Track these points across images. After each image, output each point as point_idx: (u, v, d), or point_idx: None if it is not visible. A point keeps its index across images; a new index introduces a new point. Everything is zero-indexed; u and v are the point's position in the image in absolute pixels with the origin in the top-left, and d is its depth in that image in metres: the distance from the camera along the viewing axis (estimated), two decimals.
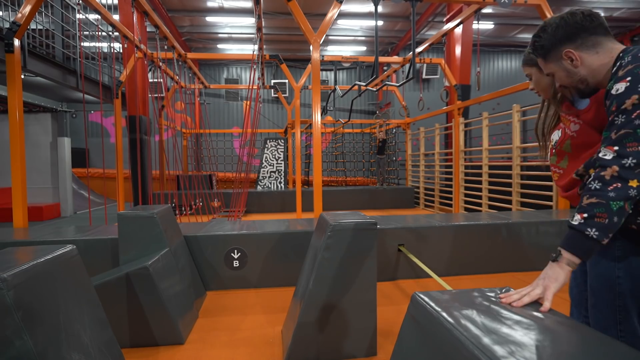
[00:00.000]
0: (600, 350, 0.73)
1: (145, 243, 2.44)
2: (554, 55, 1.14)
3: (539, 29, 1.18)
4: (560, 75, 1.16)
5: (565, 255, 1.00)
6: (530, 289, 1.00)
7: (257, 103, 6.29)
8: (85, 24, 7.99)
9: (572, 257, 1.00)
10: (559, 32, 1.11)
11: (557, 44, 1.12)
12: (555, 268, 1.01)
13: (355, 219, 1.98)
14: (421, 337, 0.94)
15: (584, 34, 1.09)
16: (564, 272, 1.00)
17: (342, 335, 2.00)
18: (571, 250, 1.00)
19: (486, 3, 4.16)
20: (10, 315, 1.05)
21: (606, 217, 0.96)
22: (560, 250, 1.02)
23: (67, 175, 8.60)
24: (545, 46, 1.15)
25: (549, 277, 1.00)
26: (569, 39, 1.10)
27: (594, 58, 1.09)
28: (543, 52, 1.16)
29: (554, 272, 1.00)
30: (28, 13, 3.43)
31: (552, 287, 0.99)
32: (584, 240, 0.98)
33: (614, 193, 0.95)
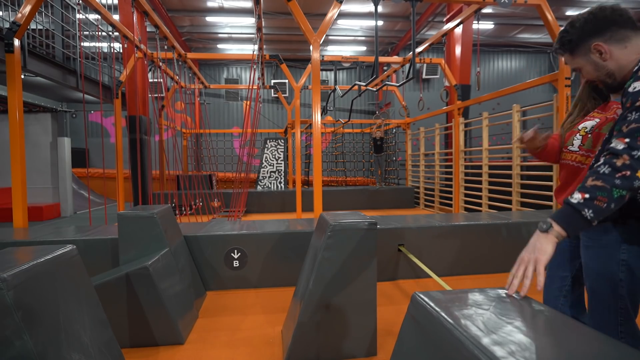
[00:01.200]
0: (601, 350, 0.73)
1: (145, 243, 2.44)
2: (582, 50, 1.15)
3: (567, 24, 1.19)
4: (588, 69, 1.17)
5: (556, 228, 1.02)
6: (523, 267, 1.02)
7: (257, 103, 6.29)
8: (85, 24, 7.99)
9: (562, 232, 1.02)
10: (588, 26, 1.13)
11: (586, 38, 1.13)
12: (543, 239, 1.03)
13: (355, 219, 1.98)
14: (421, 337, 0.93)
15: (613, 27, 1.10)
16: (552, 244, 1.02)
17: (342, 335, 2.00)
18: (563, 225, 1.02)
19: (486, 3, 4.16)
20: (10, 315, 1.05)
21: (606, 201, 0.98)
22: (552, 223, 1.03)
23: (67, 175, 8.60)
24: (574, 40, 1.16)
25: (538, 250, 1.02)
26: (597, 32, 1.11)
27: (623, 52, 1.10)
28: (571, 47, 1.18)
29: (542, 244, 1.02)
30: (28, 13, 3.43)
31: (543, 260, 1.01)
32: (579, 219, 1.00)
33: (620, 181, 0.97)
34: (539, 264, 1.00)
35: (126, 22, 6.71)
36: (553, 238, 1.02)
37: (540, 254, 1.01)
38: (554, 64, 13.61)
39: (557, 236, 1.02)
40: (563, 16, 10.67)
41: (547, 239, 1.03)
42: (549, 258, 1.01)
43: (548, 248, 1.01)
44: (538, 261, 1.00)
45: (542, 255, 1.01)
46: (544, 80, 4.66)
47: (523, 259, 1.03)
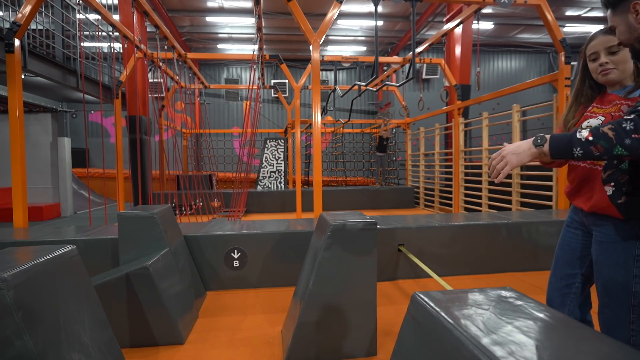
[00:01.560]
0: (601, 350, 0.73)
1: (145, 243, 2.44)
2: (622, 7, 1.14)
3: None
4: (622, 29, 1.16)
5: (546, 147, 1.09)
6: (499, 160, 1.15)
7: (257, 103, 6.29)
8: (86, 24, 7.99)
9: (547, 152, 1.09)
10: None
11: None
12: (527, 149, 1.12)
13: (355, 219, 1.98)
14: (421, 337, 0.94)
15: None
16: (530, 157, 1.11)
17: (342, 335, 2.00)
18: (552, 148, 1.08)
19: (486, 3, 4.16)
20: (10, 315, 1.06)
21: (601, 151, 1.01)
22: (547, 141, 1.09)
23: (67, 175, 8.60)
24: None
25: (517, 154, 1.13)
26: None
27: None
28: (614, 2, 1.16)
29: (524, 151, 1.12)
30: (28, 13, 3.43)
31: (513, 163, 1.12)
32: (569, 151, 1.05)
33: (631, 141, 0.97)
34: (509, 165, 1.11)
35: (126, 22, 6.71)
36: (536, 153, 1.10)
37: (515, 158, 1.12)
38: (554, 64, 13.61)
39: (541, 152, 1.10)
40: (563, 16, 10.67)
41: (529, 150, 1.11)
42: (517, 165, 1.12)
43: (524, 157, 1.11)
44: (509, 162, 1.11)
45: (516, 159, 1.11)
46: (544, 80, 4.66)
47: (503, 152, 1.15)
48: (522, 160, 1.11)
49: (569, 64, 4.19)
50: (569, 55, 4.20)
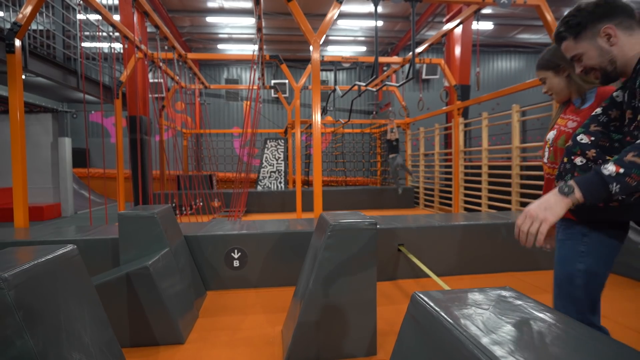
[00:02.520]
0: (601, 351, 0.74)
1: (145, 243, 2.44)
2: (590, 33, 1.14)
3: (574, 9, 1.19)
4: (592, 54, 1.15)
5: (577, 194, 1.00)
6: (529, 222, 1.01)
7: (257, 103, 6.29)
8: (86, 25, 7.99)
9: (581, 199, 1.00)
10: (599, 10, 1.13)
11: (596, 21, 1.13)
12: (559, 200, 1.01)
13: (355, 219, 1.99)
14: (421, 337, 0.94)
15: (623, 15, 1.11)
16: (564, 208, 1.00)
17: (342, 335, 2.00)
18: (585, 193, 0.99)
19: (486, 3, 4.16)
20: (11, 314, 1.06)
21: (638, 180, 0.95)
22: (574, 188, 1.00)
23: (68, 175, 8.61)
24: (582, 23, 1.15)
25: (550, 209, 1.00)
26: (608, 16, 1.12)
27: (628, 40, 1.11)
28: (578, 30, 1.16)
29: (556, 204, 1.01)
30: (29, 14, 3.43)
31: (550, 220, 1.00)
32: (603, 191, 0.97)
33: None
34: (545, 223, 0.99)
35: (126, 22, 6.71)
36: (569, 202, 1.00)
37: (550, 214, 0.99)
38: None
39: (574, 201, 1.00)
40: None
41: (562, 202, 1.00)
42: (556, 220, 1.00)
43: (559, 211, 1.00)
44: (545, 220, 0.99)
45: (551, 215, 0.99)
46: None
47: (531, 213, 1.02)
48: (558, 214, 1.00)
49: None
50: None
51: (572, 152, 1.23)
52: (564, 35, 1.22)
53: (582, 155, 1.21)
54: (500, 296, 1.00)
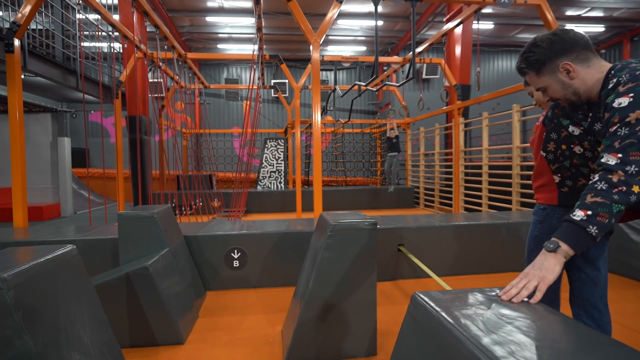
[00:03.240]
0: (600, 350, 0.73)
1: (145, 243, 2.44)
2: (549, 69, 1.19)
3: (530, 45, 1.23)
4: (555, 88, 1.21)
5: (564, 247, 1.03)
6: (526, 281, 1.01)
7: (257, 103, 6.29)
8: (85, 24, 7.99)
9: (570, 250, 1.02)
10: (556, 46, 1.17)
11: (554, 57, 1.17)
12: (551, 259, 1.03)
13: (355, 219, 1.98)
14: (421, 337, 0.94)
15: (578, 48, 1.16)
16: (559, 264, 1.02)
17: (342, 335, 2.00)
18: (571, 244, 1.02)
19: (486, 3, 4.16)
20: (10, 315, 1.06)
21: (607, 217, 0.99)
22: (559, 242, 1.04)
23: (67, 175, 8.60)
24: (541, 60, 1.19)
25: (545, 269, 1.02)
26: (565, 52, 1.17)
27: (587, 72, 1.16)
28: (538, 66, 1.21)
29: (550, 263, 1.03)
30: (28, 13, 3.43)
31: (549, 279, 1.00)
32: (585, 236, 1.01)
33: (618, 196, 0.99)
34: (544, 282, 1.00)
35: (126, 22, 6.71)
36: (561, 258, 1.03)
37: (547, 273, 1.01)
38: None
39: (565, 255, 1.03)
40: (563, 16, 10.67)
41: (555, 259, 1.03)
42: (556, 278, 1.01)
43: (556, 268, 1.02)
44: (543, 279, 1.00)
45: (549, 274, 1.01)
46: None
47: (528, 274, 1.03)
48: (557, 273, 1.02)
49: None
50: None
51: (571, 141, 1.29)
52: (526, 71, 1.26)
53: (580, 145, 1.28)
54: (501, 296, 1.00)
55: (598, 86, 1.14)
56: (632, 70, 1.06)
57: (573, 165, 1.32)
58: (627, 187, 0.99)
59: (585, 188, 1.08)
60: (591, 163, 1.30)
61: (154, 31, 5.11)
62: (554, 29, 1.21)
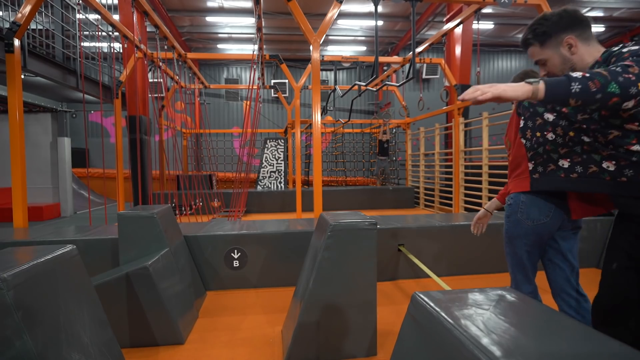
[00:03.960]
0: (600, 350, 0.73)
1: (145, 243, 2.44)
2: (554, 42, 1.25)
3: (539, 18, 1.28)
4: (555, 61, 1.27)
5: (540, 85, 1.03)
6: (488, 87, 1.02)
7: (257, 103, 6.29)
8: (85, 24, 7.99)
9: (542, 89, 1.02)
10: (563, 21, 1.24)
11: (560, 31, 1.24)
12: (522, 85, 1.03)
13: (355, 219, 1.98)
14: (421, 337, 0.94)
15: (583, 26, 1.23)
16: (524, 92, 1.03)
17: (342, 335, 2.00)
18: (548, 86, 1.02)
19: (486, 3, 4.16)
20: (10, 315, 1.06)
21: (597, 87, 0.99)
22: (540, 81, 1.04)
23: (67, 175, 8.60)
24: (547, 32, 1.25)
25: (512, 86, 1.03)
26: (571, 27, 1.23)
27: (586, 49, 1.24)
28: (544, 38, 1.26)
29: (518, 86, 1.03)
30: (28, 13, 3.43)
31: (506, 94, 1.02)
32: (565, 86, 1.01)
33: (623, 79, 0.99)
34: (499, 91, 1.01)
35: (126, 22, 6.71)
36: (529, 88, 1.03)
37: (509, 88, 1.02)
38: None
39: (535, 90, 1.03)
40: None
41: (524, 86, 1.03)
42: (510, 98, 1.03)
43: (518, 91, 1.02)
44: (502, 91, 1.01)
45: (510, 91, 1.02)
46: None
47: (494, 84, 1.04)
48: (515, 92, 1.03)
49: None
50: None
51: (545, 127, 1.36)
52: (531, 42, 1.31)
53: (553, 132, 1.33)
54: (501, 296, 1.00)
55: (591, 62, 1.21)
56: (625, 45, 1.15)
57: (545, 151, 1.37)
58: (635, 78, 0.99)
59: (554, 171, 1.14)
60: (561, 149, 1.33)
61: (154, 31, 5.11)
62: (562, 7, 1.27)
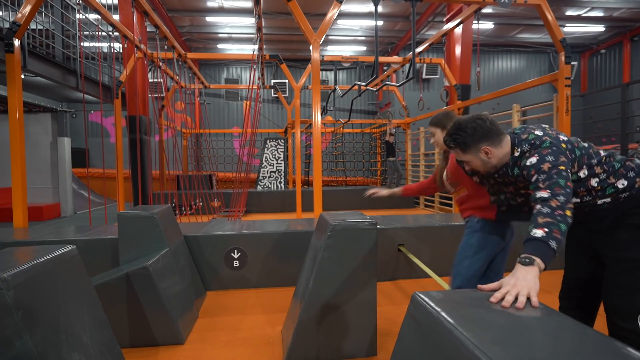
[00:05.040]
0: (600, 351, 0.73)
1: (145, 243, 2.44)
2: (473, 150, 1.49)
3: (456, 128, 1.51)
4: (477, 164, 1.53)
5: (538, 260, 1.15)
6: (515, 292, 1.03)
7: (257, 103, 6.29)
8: (85, 24, 7.99)
9: (541, 263, 1.15)
10: (477, 133, 1.47)
11: (476, 142, 1.48)
12: (531, 271, 1.11)
13: (355, 219, 1.98)
14: (421, 337, 0.94)
15: (493, 135, 1.47)
16: (537, 275, 1.11)
17: (342, 335, 2.00)
18: (541, 257, 1.16)
19: (486, 3, 4.16)
20: (10, 315, 1.06)
21: (559, 234, 1.20)
22: (532, 257, 1.16)
23: (67, 175, 8.60)
24: (467, 143, 1.49)
25: (530, 280, 1.08)
26: (484, 138, 1.47)
27: (500, 150, 1.48)
28: (464, 147, 1.50)
29: (532, 275, 1.10)
30: (28, 13, 3.43)
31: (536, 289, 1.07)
32: (548, 249, 1.17)
33: (560, 217, 1.23)
34: (533, 291, 1.05)
35: (126, 22, 6.70)
36: (537, 270, 1.13)
37: (533, 283, 1.07)
38: (554, 63, 13.61)
39: (539, 268, 1.14)
40: (563, 16, 10.67)
41: (533, 271, 1.11)
42: (537, 290, 1.08)
43: (537, 279, 1.10)
44: (532, 289, 1.05)
45: (535, 285, 1.07)
46: (543, 80, 4.66)
47: (516, 285, 1.06)
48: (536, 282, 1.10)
49: (569, 63, 4.19)
50: (569, 55, 4.19)
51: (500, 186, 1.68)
52: (453, 148, 1.55)
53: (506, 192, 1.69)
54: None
55: (507, 157, 1.49)
56: (528, 141, 1.44)
57: (506, 198, 1.69)
58: (562, 211, 1.23)
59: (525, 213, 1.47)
60: (518, 198, 1.64)
61: (154, 31, 5.10)
62: (474, 116, 1.50)
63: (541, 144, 1.41)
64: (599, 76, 13.46)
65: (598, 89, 13.17)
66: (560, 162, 1.34)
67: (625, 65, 12.27)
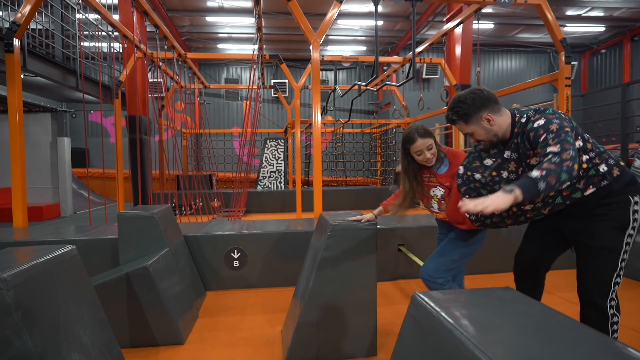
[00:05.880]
0: (600, 350, 0.73)
1: (145, 243, 2.44)
2: (475, 119, 1.57)
3: (457, 101, 1.59)
4: (480, 132, 1.60)
5: (517, 191, 1.30)
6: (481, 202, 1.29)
7: (257, 103, 6.29)
8: (85, 24, 7.99)
9: (520, 195, 1.29)
10: (477, 103, 1.55)
11: (477, 111, 1.56)
12: (506, 196, 1.30)
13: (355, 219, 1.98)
14: (421, 337, 0.94)
15: (492, 102, 1.57)
16: (509, 202, 1.29)
17: (342, 335, 2.00)
18: (522, 190, 1.30)
19: (486, 3, 4.16)
20: (10, 315, 1.05)
21: (554, 181, 1.29)
22: (514, 188, 1.31)
23: (67, 175, 8.59)
24: (469, 113, 1.57)
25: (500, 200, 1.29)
26: (485, 106, 1.56)
27: (501, 118, 1.57)
28: (466, 118, 1.58)
29: (504, 198, 1.30)
30: (28, 13, 3.43)
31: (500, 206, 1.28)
32: (534, 188, 1.29)
33: (566, 168, 1.31)
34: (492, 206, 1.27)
35: (126, 22, 6.70)
36: (512, 197, 1.29)
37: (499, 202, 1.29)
38: (554, 63, 13.61)
39: (515, 197, 1.29)
40: (563, 16, 10.67)
41: (507, 197, 1.29)
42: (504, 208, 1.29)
43: (507, 201, 1.29)
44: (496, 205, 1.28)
45: (501, 204, 1.28)
46: (544, 80, 4.66)
47: (484, 202, 1.29)
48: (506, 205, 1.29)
49: (569, 63, 4.19)
50: (569, 55, 4.19)
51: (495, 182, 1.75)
52: (456, 121, 1.62)
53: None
54: (500, 296, 1.00)
55: (509, 128, 1.57)
56: (531, 109, 1.54)
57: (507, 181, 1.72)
58: (571, 163, 1.31)
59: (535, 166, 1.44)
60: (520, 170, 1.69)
61: (154, 31, 5.10)
62: (471, 88, 1.59)
63: (545, 110, 1.51)
64: (599, 76, 13.46)
65: (598, 88, 13.17)
66: (565, 125, 1.42)
67: (625, 65, 12.27)
